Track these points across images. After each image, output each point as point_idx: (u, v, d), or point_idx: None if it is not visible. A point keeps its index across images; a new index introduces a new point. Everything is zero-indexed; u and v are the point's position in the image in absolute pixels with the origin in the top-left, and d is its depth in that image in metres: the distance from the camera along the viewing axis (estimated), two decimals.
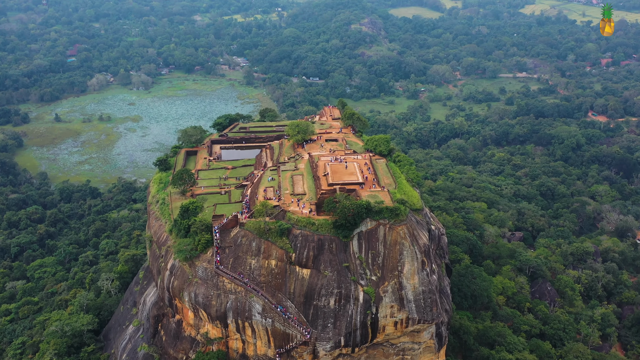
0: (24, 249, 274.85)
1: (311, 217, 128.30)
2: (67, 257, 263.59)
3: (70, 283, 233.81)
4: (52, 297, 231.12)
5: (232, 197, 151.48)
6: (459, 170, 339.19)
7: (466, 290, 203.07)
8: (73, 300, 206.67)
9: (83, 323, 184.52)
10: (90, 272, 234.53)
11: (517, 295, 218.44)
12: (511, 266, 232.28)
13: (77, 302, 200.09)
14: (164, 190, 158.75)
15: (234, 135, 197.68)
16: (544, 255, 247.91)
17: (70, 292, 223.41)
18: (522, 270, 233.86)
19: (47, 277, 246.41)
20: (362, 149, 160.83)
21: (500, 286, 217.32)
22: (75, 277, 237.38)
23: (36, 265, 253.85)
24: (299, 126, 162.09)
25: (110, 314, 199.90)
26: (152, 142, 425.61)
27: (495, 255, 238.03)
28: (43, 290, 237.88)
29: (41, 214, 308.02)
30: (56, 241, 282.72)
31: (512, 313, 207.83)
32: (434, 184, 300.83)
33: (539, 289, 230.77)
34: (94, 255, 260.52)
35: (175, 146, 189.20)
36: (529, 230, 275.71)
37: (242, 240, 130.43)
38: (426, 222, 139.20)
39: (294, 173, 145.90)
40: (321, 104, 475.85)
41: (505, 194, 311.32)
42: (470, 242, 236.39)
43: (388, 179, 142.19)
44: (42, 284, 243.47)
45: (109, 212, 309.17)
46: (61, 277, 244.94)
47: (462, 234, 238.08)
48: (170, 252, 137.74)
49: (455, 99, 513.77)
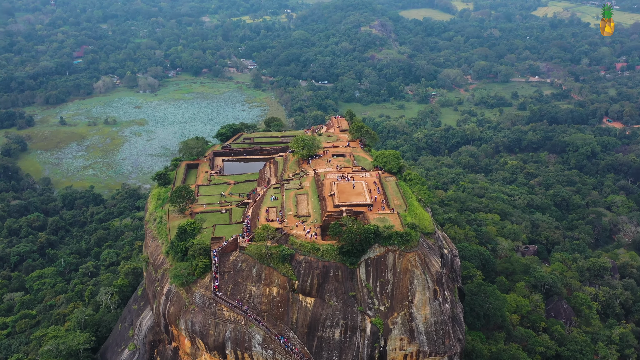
0: (24, 258, 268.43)
1: (316, 242, 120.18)
2: (67, 267, 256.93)
3: (70, 296, 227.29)
4: (50, 310, 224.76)
5: (233, 216, 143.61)
6: (470, 179, 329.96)
7: (479, 310, 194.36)
8: (71, 315, 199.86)
9: (79, 342, 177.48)
10: (90, 285, 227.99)
11: (531, 314, 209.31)
12: (525, 283, 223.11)
13: (75, 318, 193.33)
14: (162, 207, 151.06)
15: (238, 147, 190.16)
16: (559, 271, 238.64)
17: (69, 305, 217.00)
18: (536, 287, 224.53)
19: (46, 289, 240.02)
20: (370, 165, 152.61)
21: (514, 304, 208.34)
22: (75, 290, 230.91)
23: (35, 276, 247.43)
24: (305, 141, 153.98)
25: (108, 330, 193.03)
26: (158, 147, 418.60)
27: (508, 271, 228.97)
28: (41, 303, 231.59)
29: (42, 221, 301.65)
30: (57, 250, 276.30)
31: (527, 333, 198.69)
32: (445, 194, 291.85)
33: (554, 307, 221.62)
34: (95, 266, 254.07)
35: (176, 159, 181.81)
36: (544, 243, 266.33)
37: (242, 265, 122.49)
38: (438, 246, 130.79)
39: (298, 192, 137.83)
40: (330, 108, 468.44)
41: (519, 205, 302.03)
42: (483, 257, 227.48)
43: (398, 200, 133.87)
44: (40, 296, 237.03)
45: (112, 220, 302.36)
46: (60, 289, 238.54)
47: (474, 248, 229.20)
48: (167, 276, 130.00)
49: (466, 104, 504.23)
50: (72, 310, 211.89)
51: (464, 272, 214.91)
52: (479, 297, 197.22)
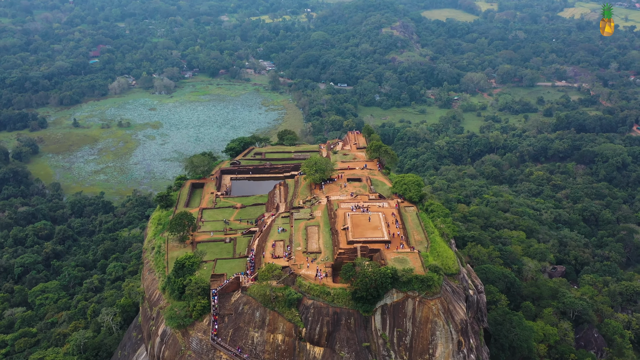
0: (28, 269, 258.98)
1: (326, 285, 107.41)
2: (71, 281, 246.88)
3: (72, 313, 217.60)
4: (51, 327, 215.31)
5: (238, 246, 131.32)
6: (494, 191, 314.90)
7: (504, 341, 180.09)
8: (70, 337, 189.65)
9: None
10: (93, 303, 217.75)
11: (560, 344, 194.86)
12: (553, 309, 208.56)
13: (74, 341, 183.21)
14: (161, 234, 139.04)
15: (247, 164, 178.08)
16: (589, 295, 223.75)
17: (70, 324, 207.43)
18: (565, 313, 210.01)
19: (49, 304, 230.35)
20: (389, 191, 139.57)
21: (541, 333, 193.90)
22: (78, 306, 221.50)
23: (38, 291, 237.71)
24: (317, 164, 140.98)
25: (108, 355, 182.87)
26: (171, 151, 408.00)
27: (535, 295, 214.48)
28: (43, 320, 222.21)
29: (49, 230, 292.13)
30: (62, 261, 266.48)
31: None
32: (468, 209, 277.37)
33: (584, 336, 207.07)
34: (100, 280, 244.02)
35: (180, 177, 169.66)
36: (572, 263, 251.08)
37: (244, 308, 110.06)
38: (463, 288, 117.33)
39: (308, 223, 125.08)
40: (348, 112, 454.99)
41: (545, 220, 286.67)
42: (508, 280, 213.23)
43: (419, 235, 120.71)
44: (42, 312, 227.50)
45: (120, 230, 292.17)
46: (63, 305, 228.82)
47: (499, 271, 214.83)
48: (162, 316, 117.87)
49: (490, 109, 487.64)
50: (73, 329, 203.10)
51: (488, 297, 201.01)
52: (504, 327, 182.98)
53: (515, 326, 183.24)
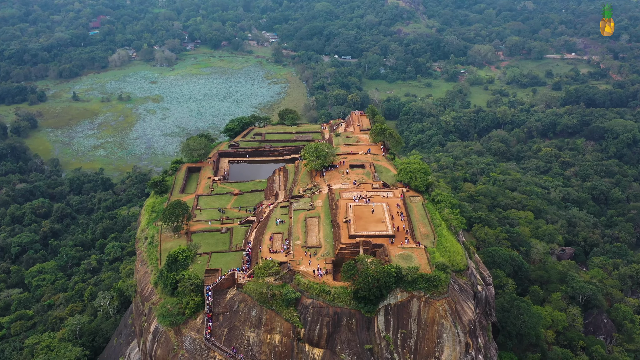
0: (26, 249, 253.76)
1: (326, 283, 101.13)
2: (69, 261, 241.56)
3: (69, 295, 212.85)
4: (48, 310, 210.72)
5: (235, 237, 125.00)
6: (501, 169, 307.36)
7: (511, 329, 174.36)
8: (67, 321, 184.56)
9: (71, 358, 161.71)
10: (91, 285, 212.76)
11: (568, 331, 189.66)
12: (562, 293, 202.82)
13: (70, 326, 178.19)
14: (155, 223, 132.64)
15: (246, 146, 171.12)
16: (599, 278, 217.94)
17: (67, 307, 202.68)
18: (574, 298, 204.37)
19: (46, 285, 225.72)
20: (393, 179, 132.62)
21: (549, 318, 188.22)
22: (75, 288, 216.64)
23: (35, 272, 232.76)
24: (318, 150, 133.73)
25: (105, 340, 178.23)
26: (172, 126, 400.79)
27: (543, 279, 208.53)
28: (39, 302, 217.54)
29: (47, 208, 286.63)
30: (60, 240, 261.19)
31: (564, 354, 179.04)
32: (475, 188, 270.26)
33: (593, 322, 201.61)
34: (98, 260, 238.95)
35: (176, 160, 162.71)
36: (581, 245, 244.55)
37: (240, 306, 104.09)
38: (471, 284, 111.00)
39: (308, 214, 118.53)
40: (353, 86, 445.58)
41: (554, 199, 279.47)
42: (515, 263, 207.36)
43: (425, 228, 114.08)
44: (39, 294, 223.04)
45: (119, 209, 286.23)
46: (60, 286, 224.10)
47: (506, 253, 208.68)
48: (154, 312, 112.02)
49: (497, 83, 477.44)
50: (69, 313, 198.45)
51: (495, 281, 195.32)
52: (511, 313, 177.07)
53: (523, 313, 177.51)
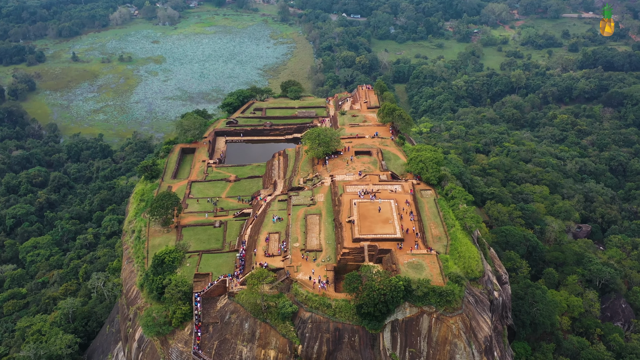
0: (21, 221, 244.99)
1: (326, 295, 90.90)
2: (64, 235, 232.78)
3: (63, 273, 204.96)
4: (42, 288, 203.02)
5: (229, 232, 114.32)
6: (515, 139, 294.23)
7: (524, 318, 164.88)
8: (60, 303, 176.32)
9: (62, 346, 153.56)
10: (86, 263, 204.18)
11: (584, 317, 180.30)
12: (578, 276, 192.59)
13: (62, 310, 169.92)
14: (143, 214, 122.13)
15: (245, 123, 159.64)
16: (617, 259, 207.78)
17: (61, 287, 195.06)
18: (591, 281, 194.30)
19: (40, 261, 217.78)
20: (402, 168, 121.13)
21: (564, 304, 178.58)
22: (70, 265, 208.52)
23: (29, 246, 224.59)
24: (320, 136, 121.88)
25: (99, 325, 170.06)
26: (174, 89, 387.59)
27: (559, 261, 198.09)
28: (33, 279, 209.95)
29: (44, 176, 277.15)
30: (56, 212, 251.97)
31: (579, 344, 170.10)
32: (487, 160, 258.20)
33: (611, 306, 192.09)
34: (95, 234, 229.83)
35: (169, 141, 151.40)
36: (598, 222, 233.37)
37: (231, 317, 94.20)
38: (487, 292, 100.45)
39: (308, 211, 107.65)
40: (362, 47, 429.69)
41: (570, 171, 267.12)
42: (530, 244, 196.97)
43: (437, 228, 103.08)
44: (33, 270, 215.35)
45: (118, 178, 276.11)
46: (55, 263, 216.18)
47: (520, 233, 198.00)
48: (139, 321, 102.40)
49: (511, 44, 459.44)
50: (63, 292, 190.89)
51: (508, 264, 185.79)
52: (525, 301, 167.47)
53: (538, 301, 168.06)
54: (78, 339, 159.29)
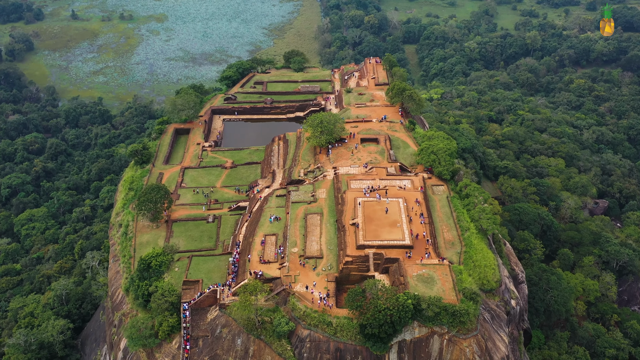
0: (17, 191, 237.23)
1: (327, 312, 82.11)
2: (61, 207, 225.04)
3: (59, 248, 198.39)
4: (36, 264, 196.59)
5: (222, 229, 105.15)
6: (530, 106, 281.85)
7: (538, 305, 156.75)
8: (53, 284, 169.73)
9: (53, 333, 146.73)
10: (81, 239, 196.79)
11: (601, 302, 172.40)
12: (595, 257, 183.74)
13: (55, 291, 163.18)
14: (131, 206, 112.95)
15: (244, 100, 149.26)
16: (635, 237, 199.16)
17: (55, 264, 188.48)
18: (608, 263, 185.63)
19: (35, 235, 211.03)
20: (412, 158, 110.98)
21: (580, 288, 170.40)
22: (66, 240, 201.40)
23: (25, 219, 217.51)
24: (323, 124, 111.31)
25: (93, 307, 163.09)
26: (176, 49, 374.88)
27: (574, 241, 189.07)
28: (28, 254, 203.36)
29: (41, 143, 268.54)
30: (53, 182, 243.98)
31: (595, 331, 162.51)
32: (501, 130, 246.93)
33: (628, 289, 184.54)
34: (92, 206, 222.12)
35: (162, 121, 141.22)
36: (616, 197, 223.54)
37: (223, 331, 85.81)
38: (504, 303, 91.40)
39: (309, 209, 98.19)
40: (370, 5, 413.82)
41: (586, 141, 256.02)
42: (544, 222, 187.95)
43: (450, 232, 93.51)
44: (28, 244, 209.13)
45: (117, 146, 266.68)
46: (51, 237, 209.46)
47: (534, 211, 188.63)
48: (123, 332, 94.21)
49: (527, 2, 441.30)
50: (58, 270, 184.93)
51: (522, 245, 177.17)
52: (539, 287, 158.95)
53: (553, 287, 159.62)
54: (71, 324, 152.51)
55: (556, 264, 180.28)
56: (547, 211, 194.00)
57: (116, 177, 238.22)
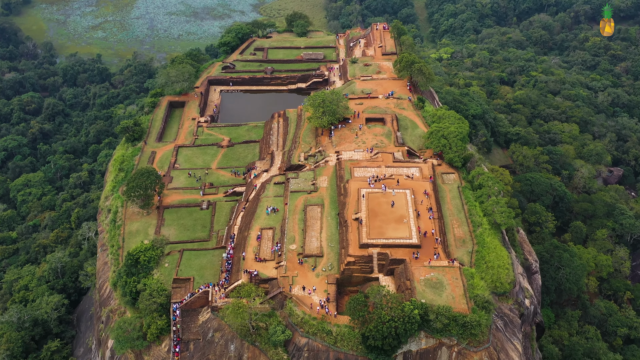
0: (13, 153, 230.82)
1: (326, 319, 75.90)
2: (58, 172, 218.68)
3: (55, 216, 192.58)
4: (33, 232, 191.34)
5: (217, 216, 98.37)
6: (543, 67, 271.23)
7: (550, 284, 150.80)
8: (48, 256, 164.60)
9: (47, 310, 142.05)
10: (78, 207, 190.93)
11: (613, 278, 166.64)
12: (608, 230, 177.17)
13: (50, 265, 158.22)
14: (120, 189, 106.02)
15: (243, 68, 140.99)
16: None
17: (52, 233, 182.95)
18: (622, 237, 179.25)
19: (32, 201, 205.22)
20: (421, 140, 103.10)
21: (592, 263, 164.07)
22: (63, 207, 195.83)
23: (21, 184, 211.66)
24: (325, 103, 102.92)
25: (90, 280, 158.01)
26: (178, 2, 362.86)
27: (587, 213, 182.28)
28: (25, 221, 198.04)
29: (38, 103, 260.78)
30: (50, 145, 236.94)
31: (607, 309, 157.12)
32: (513, 93, 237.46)
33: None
34: (90, 171, 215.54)
35: (155, 92, 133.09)
36: (631, 164, 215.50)
37: (215, 335, 79.96)
38: (518, 305, 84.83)
39: (309, 200, 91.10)
40: None
41: (601, 104, 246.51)
42: (557, 193, 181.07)
43: (460, 228, 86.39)
44: (24, 210, 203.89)
45: (115, 107, 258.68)
46: (47, 203, 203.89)
47: (546, 181, 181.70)
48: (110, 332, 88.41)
49: None
50: (54, 239, 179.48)
51: (532, 218, 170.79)
52: (551, 266, 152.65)
53: (565, 265, 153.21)
54: (66, 300, 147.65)
55: (568, 237, 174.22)
56: (560, 181, 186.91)
57: (115, 140, 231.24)
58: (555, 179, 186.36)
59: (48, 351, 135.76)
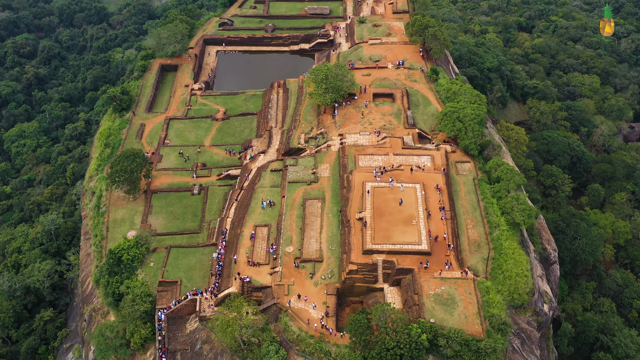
0: (7, 100, 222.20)
1: (325, 338, 68.59)
2: (53, 122, 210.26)
3: (50, 171, 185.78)
4: (27, 187, 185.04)
5: (209, 203, 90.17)
6: (564, 10, 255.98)
7: (564, 254, 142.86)
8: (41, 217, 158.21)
9: (39, 278, 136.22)
10: (73, 162, 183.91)
11: (631, 246, 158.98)
12: (627, 194, 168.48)
13: (43, 227, 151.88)
14: (105, 169, 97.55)
15: (242, 25, 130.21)
16: None
17: (46, 189, 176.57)
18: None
19: (26, 153, 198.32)
20: (433, 119, 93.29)
21: (609, 229, 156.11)
22: (58, 161, 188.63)
23: (15, 135, 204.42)
24: (329, 79, 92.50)
25: None
26: None
27: (606, 175, 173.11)
28: (19, 174, 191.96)
29: (33, 46, 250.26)
30: (46, 91, 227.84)
31: (624, 280, 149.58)
32: (531, 41, 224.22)
33: None
34: (86, 120, 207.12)
35: (146, 54, 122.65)
36: None
37: (204, 348, 73.14)
38: (536, 315, 77.11)
39: (309, 193, 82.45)
40: None
41: (624, 52, 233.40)
42: (575, 153, 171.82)
43: (475, 229, 77.79)
44: (19, 163, 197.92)
45: (113, 50, 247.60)
46: (42, 156, 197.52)
47: (563, 140, 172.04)
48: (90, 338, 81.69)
49: None
50: (49, 196, 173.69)
51: (548, 180, 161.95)
52: (567, 236, 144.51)
53: (582, 235, 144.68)
54: (58, 266, 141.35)
55: (585, 201, 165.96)
56: (578, 140, 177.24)
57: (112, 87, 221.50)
58: (573, 138, 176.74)
59: (41, 321, 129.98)
